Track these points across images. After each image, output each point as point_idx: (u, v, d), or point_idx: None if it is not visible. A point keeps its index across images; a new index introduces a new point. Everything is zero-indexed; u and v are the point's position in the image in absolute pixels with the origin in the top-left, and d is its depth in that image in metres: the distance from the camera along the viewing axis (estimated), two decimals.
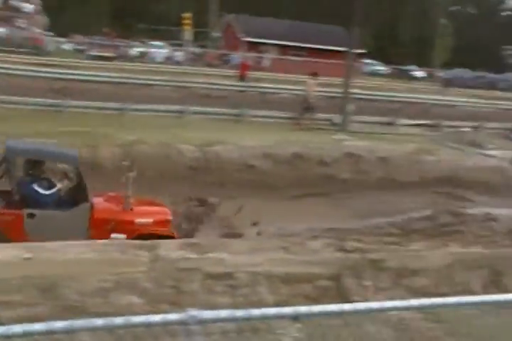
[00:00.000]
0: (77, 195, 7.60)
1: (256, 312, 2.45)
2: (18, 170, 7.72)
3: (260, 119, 17.49)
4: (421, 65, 49.15)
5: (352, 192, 12.78)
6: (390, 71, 46.07)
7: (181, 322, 2.43)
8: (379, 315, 3.80)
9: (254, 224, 10.66)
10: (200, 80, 24.10)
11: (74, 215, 7.40)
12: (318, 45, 36.29)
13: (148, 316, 2.53)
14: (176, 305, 5.76)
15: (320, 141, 14.49)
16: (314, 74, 18.38)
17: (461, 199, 13.18)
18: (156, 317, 2.47)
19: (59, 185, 7.56)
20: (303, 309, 2.50)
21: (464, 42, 64.98)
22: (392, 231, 8.55)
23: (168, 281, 5.76)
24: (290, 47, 36.56)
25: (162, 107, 17.42)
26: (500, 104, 28.03)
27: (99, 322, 2.36)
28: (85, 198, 7.55)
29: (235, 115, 17.80)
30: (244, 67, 28.56)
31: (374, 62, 48.36)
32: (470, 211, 12.21)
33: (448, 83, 39.83)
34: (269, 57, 34.52)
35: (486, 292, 6.88)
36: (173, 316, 2.51)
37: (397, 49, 55.31)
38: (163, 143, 12.94)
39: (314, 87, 18.02)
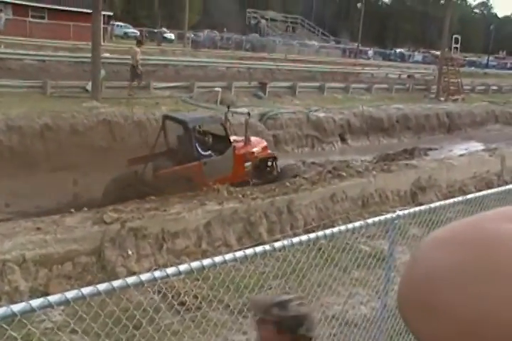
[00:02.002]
0: (223, 143, 10.51)
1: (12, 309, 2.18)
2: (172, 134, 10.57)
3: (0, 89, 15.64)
4: (171, 26, 49.51)
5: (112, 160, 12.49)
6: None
7: None
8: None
9: (7, 205, 9.77)
10: None
11: (226, 157, 10.48)
12: (61, 6, 33.59)
13: None
14: None
15: (71, 109, 13.71)
16: (140, 43, 19.46)
17: None
18: None
19: (209, 141, 10.48)
20: (70, 294, 2.31)
21: (211, 4, 67.18)
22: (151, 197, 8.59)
23: None
24: (28, 7, 33.02)
25: None
26: (247, 63, 29.81)
27: None
28: (230, 143, 10.58)
29: None
30: None
31: (124, 24, 47.22)
32: None
33: (199, 44, 41.01)
34: (3, 17, 30.77)
35: (240, 243, 7.43)
36: None
37: (147, 11, 54.86)
38: None
39: (139, 55, 18.57)
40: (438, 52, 36.89)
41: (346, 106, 20.62)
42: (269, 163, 11.48)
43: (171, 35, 47.20)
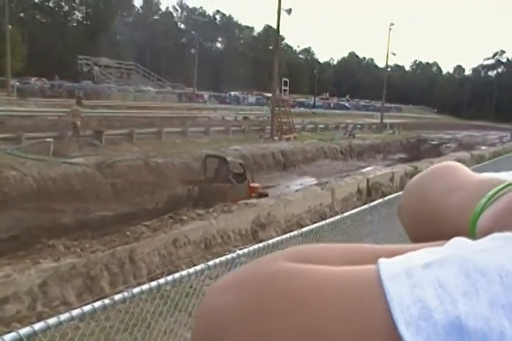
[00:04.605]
0: (242, 176, 16.12)
1: None
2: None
3: None
4: None
5: None
6: None
7: None
8: None
9: None
10: None
11: (244, 185, 15.87)
12: None
13: None
14: None
15: None
16: (79, 102, 22.12)
17: (52, 211, 13.12)
18: None
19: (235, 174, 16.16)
20: None
21: (37, 51, 64.73)
22: None
23: None
24: None
25: None
26: (85, 111, 28.83)
27: None
28: (246, 177, 16.17)
29: None
30: None
31: None
32: (63, 221, 12.31)
33: (26, 93, 39.05)
34: None
35: (81, 299, 7.03)
36: None
37: None
38: None
39: (81, 113, 20.97)
40: (269, 94, 39.13)
41: (185, 150, 20.88)
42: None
43: None
